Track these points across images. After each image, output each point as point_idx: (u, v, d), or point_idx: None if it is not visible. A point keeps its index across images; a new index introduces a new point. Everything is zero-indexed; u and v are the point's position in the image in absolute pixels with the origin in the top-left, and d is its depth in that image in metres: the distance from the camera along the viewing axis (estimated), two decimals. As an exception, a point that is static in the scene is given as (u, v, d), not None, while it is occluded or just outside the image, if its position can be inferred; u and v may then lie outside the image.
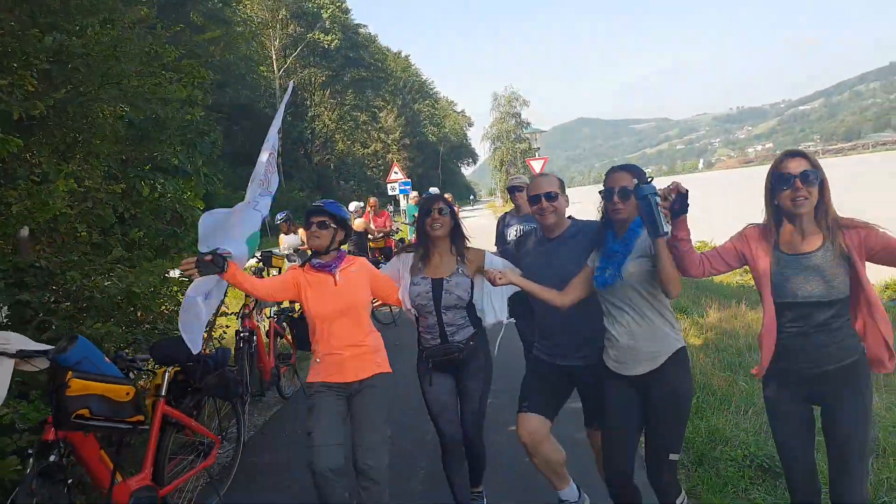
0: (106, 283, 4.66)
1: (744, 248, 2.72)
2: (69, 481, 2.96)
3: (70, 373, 2.79)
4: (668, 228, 2.58)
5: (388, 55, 70.67)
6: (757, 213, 2.82)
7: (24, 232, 4.54)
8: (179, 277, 6.24)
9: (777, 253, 2.61)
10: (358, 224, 11.62)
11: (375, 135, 61.71)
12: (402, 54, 79.46)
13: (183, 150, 6.18)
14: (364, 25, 61.66)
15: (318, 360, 3.40)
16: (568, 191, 3.43)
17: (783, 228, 2.60)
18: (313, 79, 53.60)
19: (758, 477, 3.85)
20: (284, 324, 6.49)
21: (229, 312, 7.71)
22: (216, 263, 3.01)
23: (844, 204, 2.75)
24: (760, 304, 2.71)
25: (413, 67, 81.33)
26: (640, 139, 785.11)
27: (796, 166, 2.50)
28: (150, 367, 3.67)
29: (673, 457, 2.90)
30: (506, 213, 5.95)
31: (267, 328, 6.26)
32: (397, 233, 13.61)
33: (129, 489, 3.30)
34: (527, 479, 3.96)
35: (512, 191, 5.72)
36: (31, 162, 4.57)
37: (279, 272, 9.62)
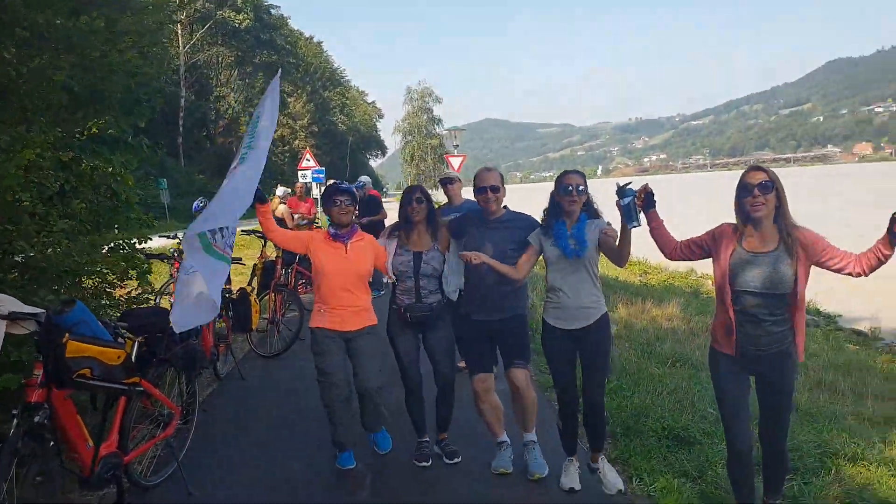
0: (51, 253, 4.63)
1: (709, 242, 3.24)
2: (52, 443, 3.04)
3: (67, 334, 2.89)
4: (641, 221, 3.32)
5: (299, 39, 69.32)
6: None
7: (-29, 200, 4.45)
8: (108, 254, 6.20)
9: (739, 249, 3.11)
10: (281, 211, 11.56)
11: (283, 119, 60.47)
12: (314, 40, 78.14)
13: (122, 119, 6.08)
14: (276, 6, 60.34)
15: (322, 310, 4.18)
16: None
17: (748, 230, 3.10)
18: (221, 58, 51.91)
19: (675, 445, 4.38)
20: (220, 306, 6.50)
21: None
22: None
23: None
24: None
25: (325, 54, 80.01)
26: (545, 143, 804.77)
27: (756, 178, 3.01)
28: (127, 334, 3.74)
29: (600, 389, 3.86)
30: (440, 206, 6.33)
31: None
32: (316, 220, 13.41)
33: (99, 455, 3.40)
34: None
35: (444, 183, 6.08)
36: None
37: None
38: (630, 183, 3.36)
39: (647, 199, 3.34)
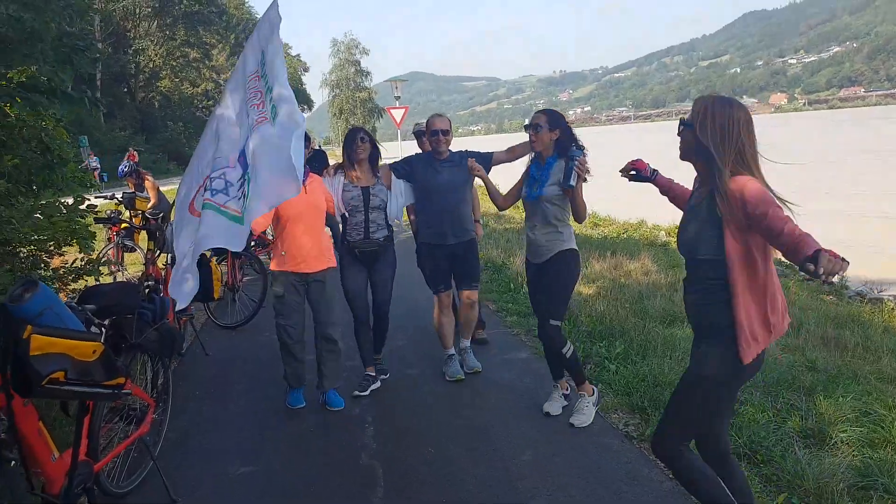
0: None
1: None
2: (13, 462, 2.40)
3: (30, 327, 2.20)
4: (573, 183, 3.80)
5: (219, -11, 65.43)
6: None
7: None
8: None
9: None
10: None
11: (207, 73, 57.35)
12: (235, -10, 73.98)
13: (59, 68, 5.17)
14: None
15: (283, 252, 4.30)
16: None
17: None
18: (138, 9, 48.51)
19: (709, 417, 3.99)
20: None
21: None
22: None
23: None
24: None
25: (247, 5, 76.13)
26: (472, 97, 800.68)
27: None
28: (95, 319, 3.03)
29: (553, 322, 4.05)
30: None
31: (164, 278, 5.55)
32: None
33: (66, 465, 2.77)
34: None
35: (419, 135, 5.65)
36: None
37: (142, 216, 8.61)
38: (583, 148, 3.87)
39: (636, 175, 3.02)
